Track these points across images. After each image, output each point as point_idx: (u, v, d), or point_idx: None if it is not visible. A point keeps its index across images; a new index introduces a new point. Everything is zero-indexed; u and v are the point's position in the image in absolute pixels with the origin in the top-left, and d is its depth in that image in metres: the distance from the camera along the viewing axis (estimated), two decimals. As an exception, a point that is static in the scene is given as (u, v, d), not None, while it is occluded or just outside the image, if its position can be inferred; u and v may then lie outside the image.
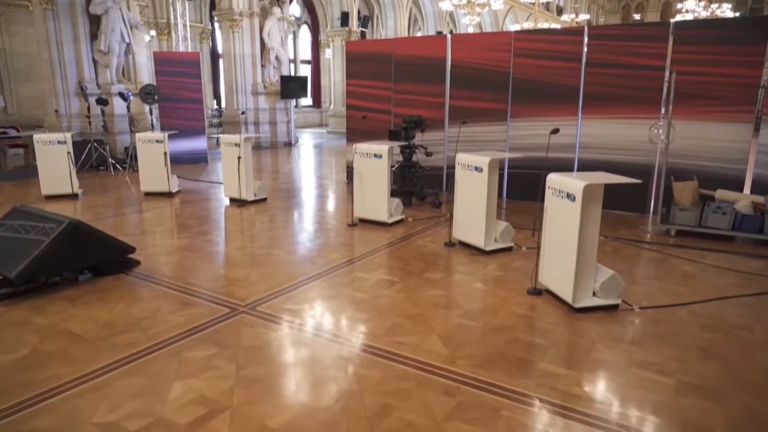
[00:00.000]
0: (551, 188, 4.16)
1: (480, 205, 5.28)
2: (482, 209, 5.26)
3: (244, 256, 5.32)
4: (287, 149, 15.51)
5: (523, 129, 7.80)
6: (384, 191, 6.34)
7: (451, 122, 8.38)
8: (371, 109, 9.07)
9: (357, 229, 6.37)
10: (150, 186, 8.36)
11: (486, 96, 8.02)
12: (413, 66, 8.61)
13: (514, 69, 7.74)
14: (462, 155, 5.50)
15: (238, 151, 7.50)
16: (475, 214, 5.37)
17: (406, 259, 5.22)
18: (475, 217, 5.37)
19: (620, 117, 7.07)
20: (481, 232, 5.33)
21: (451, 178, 8.75)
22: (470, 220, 5.45)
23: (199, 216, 7.07)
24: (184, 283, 4.56)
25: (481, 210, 5.27)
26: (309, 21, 23.99)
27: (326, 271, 4.89)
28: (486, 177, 5.18)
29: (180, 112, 11.86)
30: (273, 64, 16.07)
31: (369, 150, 6.35)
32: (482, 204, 5.25)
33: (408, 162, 7.58)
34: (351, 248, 5.66)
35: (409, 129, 7.42)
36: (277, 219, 6.89)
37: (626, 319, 3.89)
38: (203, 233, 6.17)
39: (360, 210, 6.57)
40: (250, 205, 7.67)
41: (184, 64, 11.77)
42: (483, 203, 5.24)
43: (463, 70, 8.17)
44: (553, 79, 7.47)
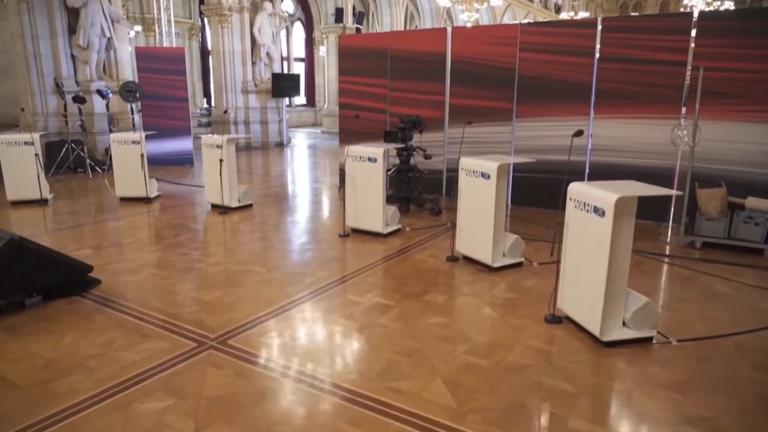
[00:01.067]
0: (574, 200, 3.57)
1: (487, 216, 4.68)
2: (489, 221, 4.67)
3: (220, 273, 4.70)
4: (279, 150, 14.88)
5: (530, 130, 7.21)
6: (379, 199, 5.74)
7: (452, 122, 7.78)
8: (365, 108, 8.45)
9: (349, 241, 5.76)
10: (126, 191, 7.73)
11: (489, 94, 7.42)
12: (411, 62, 8.01)
13: (520, 65, 7.15)
14: (466, 160, 4.91)
15: (220, 154, 6.87)
16: (481, 226, 4.77)
17: (404, 278, 4.62)
18: (481, 230, 4.77)
19: (636, 117, 6.48)
20: (488, 246, 4.73)
21: (452, 182, 8.19)
22: (476, 233, 4.85)
23: (176, 225, 6.44)
24: (146, 308, 3.94)
25: (488, 222, 4.67)
26: (303, 17, 23.34)
27: (313, 292, 4.28)
28: (494, 185, 4.58)
29: (164, 110, 11.23)
30: (264, 61, 15.44)
31: (362, 153, 5.74)
32: (489, 215, 4.65)
33: (405, 165, 6.98)
34: (342, 264, 5.05)
35: (406, 130, 6.82)
36: (262, 229, 6.27)
37: (664, 355, 3.29)
38: (177, 245, 5.54)
39: (353, 219, 5.97)
40: (233, 213, 7.05)
41: (168, 60, 11.13)
42: (490, 214, 4.65)
43: (465, 66, 7.57)
44: (562, 75, 6.88)
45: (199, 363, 3.15)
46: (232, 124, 15.22)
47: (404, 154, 6.91)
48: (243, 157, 13.48)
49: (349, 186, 5.89)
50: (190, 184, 9.19)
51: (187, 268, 4.83)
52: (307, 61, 23.72)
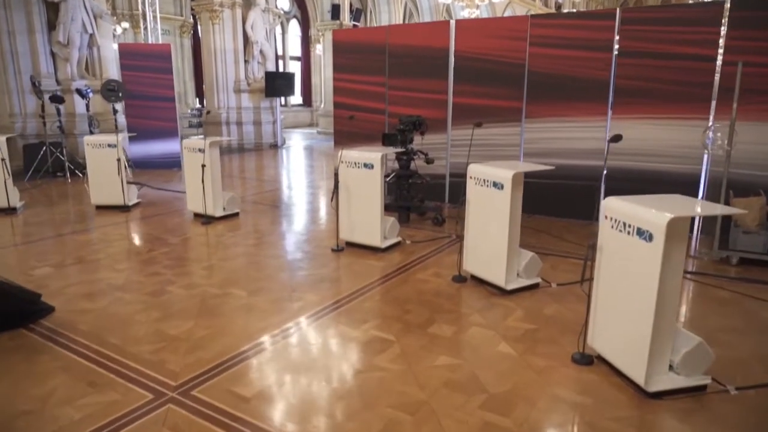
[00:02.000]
0: (611, 219, 2.97)
1: (500, 231, 4.08)
2: (503, 237, 4.07)
3: (194, 298, 4.09)
4: (273, 152, 14.28)
5: (541, 131, 6.61)
6: (376, 209, 5.14)
7: (455, 123, 7.18)
8: (362, 108, 7.86)
9: (343, 256, 5.16)
10: (102, 198, 7.12)
11: (496, 92, 6.83)
12: (411, 58, 7.41)
13: (531, 60, 6.55)
14: (476, 167, 4.30)
15: (202, 158, 6.27)
16: (493, 243, 4.17)
17: (405, 303, 4.02)
18: (493, 247, 4.17)
19: (659, 117, 5.89)
20: (500, 266, 4.13)
21: (455, 189, 7.61)
22: (486, 250, 4.25)
23: (153, 237, 5.84)
24: (101, 344, 3.34)
25: (502, 238, 4.08)
26: (299, 15, 22.75)
27: (301, 322, 3.68)
28: (508, 196, 3.98)
29: (150, 111, 10.61)
30: (257, 59, 14.85)
31: (358, 158, 5.14)
32: (503, 231, 4.06)
33: (405, 171, 6.38)
34: (335, 285, 4.45)
35: (406, 131, 6.22)
36: (247, 242, 5.66)
37: (723, 409, 2.70)
38: (150, 262, 4.94)
39: (347, 231, 5.37)
40: (217, 223, 6.44)
41: (153, 57, 10.51)
42: (504, 230, 4.05)
43: (470, 62, 6.97)
44: (577, 72, 6.28)
45: (153, 424, 2.55)
46: (224, 124, 14.64)
47: (404, 159, 6.31)
48: (235, 159, 12.89)
49: (343, 195, 5.29)
50: (175, 190, 8.58)
51: (156, 292, 4.22)
52: (303, 60, 23.12)
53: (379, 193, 5.10)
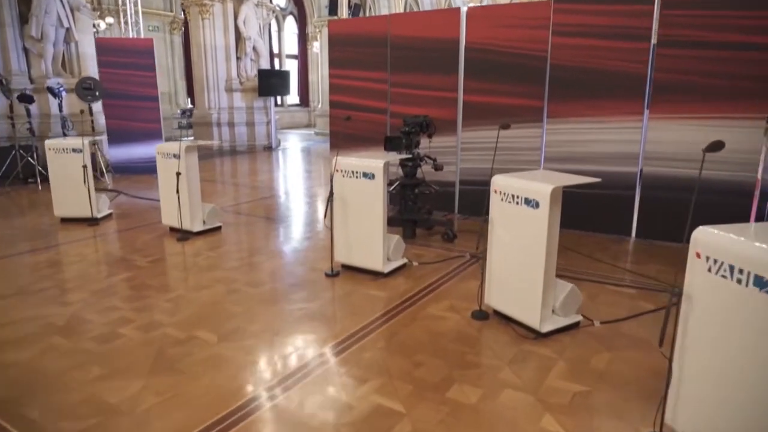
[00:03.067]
0: (707, 259, 2.14)
1: (533, 259, 3.26)
2: (537, 267, 3.24)
3: (149, 346, 3.26)
4: (267, 154, 13.45)
5: (565, 133, 5.78)
6: (378, 227, 4.31)
7: (466, 124, 6.35)
8: (361, 107, 7.04)
9: (339, 283, 4.34)
10: (66, 209, 6.28)
11: (513, 89, 6.00)
12: (416, 50, 6.58)
13: (554, 52, 5.72)
14: (503, 179, 3.48)
15: (177, 165, 5.44)
16: (524, 273, 3.34)
17: (415, 351, 3.19)
18: (524, 278, 3.35)
19: (707, 117, 5.06)
20: (534, 302, 3.30)
21: (466, 197, 6.76)
22: (516, 282, 3.42)
23: (117, 259, 5.01)
24: (13, 420, 2.51)
25: (535, 268, 3.25)
26: (295, 12, 21.93)
27: (281, 382, 2.85)
28: (545, 216, 3.16)
29: (131, 111, 9.78)
30: (250, 57, 14.03)
31: (356, 166, 4.32)
32: (537, 259, 3.23)
33: (411, 179, 5.55)
34: (326, 325, 3.61)
35: (412, 134, 5.39)
36: (226, 264, 4.83)
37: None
38: (106, 293, 4.11)
39: (344, 253, 4.54)
40: (195, 239, 5.61)
41: (134, 53, 9.67)
42: (539, 258, 3.22)
43: (483, 55, 6.14)
44: (608, 65, 5.45)
45: None
46: (214, 125, 13.83)
47: (409, 165, 5.47)
48: (227, 162, 12.07)
49: (339, 210, 4.46)
50: (154, 198, 7.73)
51: (104, 336, 3.39)
52: (300, 58, 22.30)
53: (382, 208, 4.27)
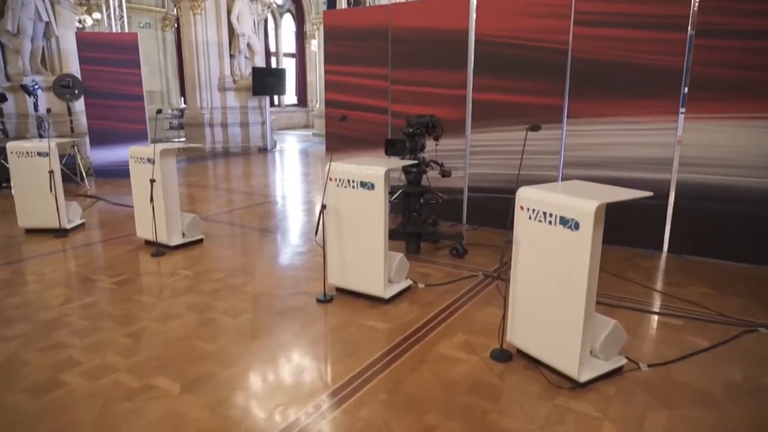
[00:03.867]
0: None
1: (571, 292, 2.63)
2: (576, 301, 2.61)
3: (93, 399, 2.63)
4: (262, 156, 12.82)
5: (587, 135, 5.15)
6: (378, 245, 3.68)
7: (476, 124, 5.73)
8: (359, 106, 6.42)
9: (332, 312, 3.71)
10: (32, 220, 5.66)
11: (529, 86, 5.37)
12: (420, 44, 5.96)
13: (576, 44, 5.10)
14: (531, 192, 2.84)
15: (151, 171, 4.81)
16: (558, 308, 2.71)
17: (426, 409, 2.56)
18: (558, 314, 2.72)
19: (754, 117, 4.44)
20: (570, 345, 2.67)
21: (475, 205, 6.10)
22: (547, 318, 2.79)
23: (79, 279, 4.38)
24: None
25: (574, 302, 2.62)
26: (293, 9, 21.29)
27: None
28: (588, 240, 2.53)
29: (114, 111, 9.14)
30: (244, 54, 13.40)
31: (353, 174, 3.69)
32: (576, 292, 2.60)
33: (415, 187, 4.91)
34: (316, 370, 2.98)
35: (416, 136, 4.76)
36: (203, 286, 4.19)
37: None
38: (55, 326, 3.48)
39: (338, 275, 3.92)
40: (173, 254, 4.99)
41: (117, 48, 9.03)
42: (578, 290, 2.59)
43: (495, 48, 5.51)
44: (638, 58, 4.83)
45: None
46: (207, 126, 13.19)
47: (414, 171, 4.84)
48: (219, 165, 11.45)
49: (333, 225, 3.84)
50: (134, 205, 7.10)
51: (40, 387, 2.75)
52: (297, 57, 21.67)
53: (383, 224, 3.64)
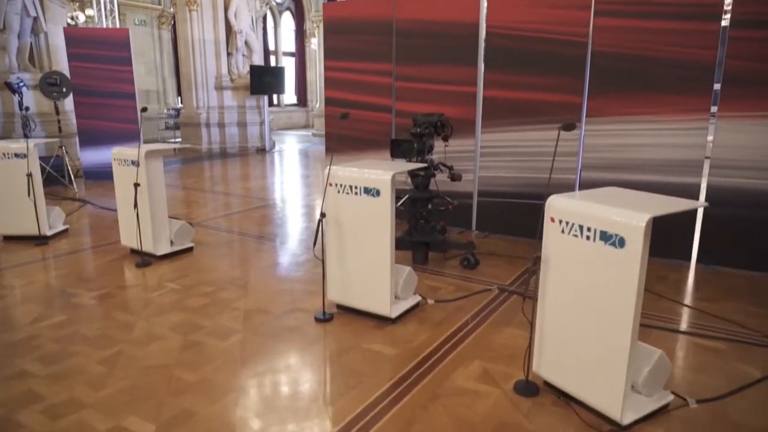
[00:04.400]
0: None
1: (613, 319, 2.23)
2: (619, 331, 2.22)
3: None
4: (260, 157, 12.43)
5: (609, 135, 4.76)
6: (384, 258, 3.29)
7: (487, 124, 5.33)
8: (361, 104, 6.03)
9: (333, 332, 3.31)
10: (9, 226, 5.27)
11: (545, 82, 4.98)
12: (427, 37, 5.56)
13: (597, 36, 4.70)
14: (565, 202, 2.44)
15: (135, 175, 4.42)
16: (596, 339, 2.32)
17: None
18: (596, 345, 2.32)
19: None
20: (612, 381, 2.27)
21: (486, 211, 5.69)
22: (583, 348, 2.39)
23: (55, 293, 3.99)
24: None
25: (616, 332, 2.23)
26: (292, 7, 20.90)
27: None
28: (635, 259, 2.14)
29: (105, 110, 8.73)
30: (242, 52, 13.00)
31: (355, 179, 3.29)
32: (619, 319, 2.21)
33: (423, 192, 4.52)
34: (314, 407, 2.58)
35: (425, 136, 4.36)
36: (190, 302, 3.80)
37: None
38: (20, 350, 3.08)
39: (339, 290, 3.52)
40: (159, 264, 4.59)
41: (107, 44, 8.64)
42: (622, 318, 2.20)
43: (508, 42, 5.12)
44: (665, 51, 4.44)
45: None
46: (203, 126, 12.80)
47: (421, 175, 4.45)
48: (216, 166, 11.06)
49: (333, 235, 3.44)
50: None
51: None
52: (297, 56, 21.27)
53: (389, 234, 3.25)
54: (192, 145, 12.32)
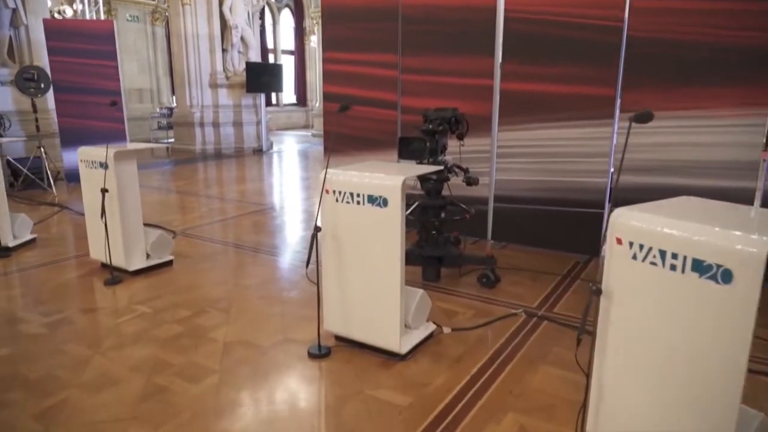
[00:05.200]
0: None
1: (713, 374, 1.63)
2: (724, 389, 1.61)
3: None
4: (256, 158, 11.85)
5: (648, 133, 4.13)
6: (393, 281, 2.69)
7: (505, 121, 4.74)
8: (363, 99, 5.43)
9: (329, 372, 2.72)
10: (-33, 237, 4.68)
11: (572, 73, 4.38)
12: (436, 23, 4.97)
13: (633, 20, 4.10)
14: (640, 218, 1.83)
15: (103, 179, 3.83)
16: (686, 398, 1.72)
17: None
18: (685, 405, 1.72)
19: None
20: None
21: (502, 218, 5.11)
22: (667, 411, 1.79)
23: (2, 320, 3.39)
24: None
25: (719, 391, 1.63)
26: (291, 4, 20.33)
27: None
28: (749, 299, 1.53)
29: (88, 108, 8.14)
30: (238, 48, 12.43)
31: (358, 185, 2.70)
32: (723, 373, 1.61)
33: (435, 198, 3.91)
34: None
35: (438, 134, 3.76)
36: (161, 331, 3.20)
37: None
38: (-56, 397, 2.49)
39: (338, 319, 2.92)
40: (132, 281, 4.00)
41: (90, 37, 8.05)
42: (728, 372, 1.60)
43: (529, 27, 4.52)
44: (715, 36, 3.84)
45: None
46: (197, 126, 12.23)
47: (433, 179, 3.84)
48: (211, 168, 10.48)
49: (331, 253, 2.84)
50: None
51: None
52: (297, 54, 20.69)
53: (398, 252, 2.64)
54: (184, 146, 11.75)
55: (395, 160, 3.96)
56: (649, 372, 1.82)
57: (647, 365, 1.82)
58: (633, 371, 1.88)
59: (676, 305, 1.71)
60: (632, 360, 1.87)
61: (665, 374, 1.77)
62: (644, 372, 1.84)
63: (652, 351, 1.79)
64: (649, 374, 1.82)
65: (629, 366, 1.89)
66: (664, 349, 1.76)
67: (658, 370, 1.79)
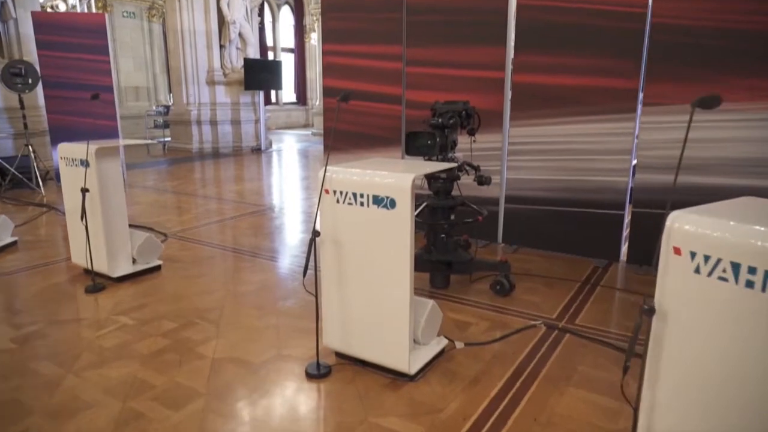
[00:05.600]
0: None
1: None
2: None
3: None
4: (255, 157, 11.54)
5: (671, 129, 3.83)
6: (402, 292, 2.38)
7: (517, 115, 4.43)
8: (365, 94, 5.13)
9: (329, 395, 2.41)
10: (-59, 240, 4.38)
11: (590, 64, 4.07)
12: (443, 12, 4.66)
13: (658, 6, 3.79)
14: (700, 223, 1.52)
15: (84, 178, 3.52)
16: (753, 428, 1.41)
17: None
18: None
19: None
20: None
21: (513, 219, 4.79)
22: None
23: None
24: None
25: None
26: (291, 1, 20.01)
27: None
28: None
29: (78, 105, 7.77)
30: (236, 44, 12.12)
31: (361, 185, 2.38)
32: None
33: (444, 199, 3.60)
34: None
35: (448, 128, 3.45)
36: (142, 345, 2.89)
37: None
38: None
39: (339, 335, 2.61)
40: (116, 288, 3.69)
41: (81, 31, 7.74)
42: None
43: (544, 15, 4.21)
44: (744, 23, 3.53)
45: None
46: (194, 124, 11.92)
47: (442, 178, 3.53)
48: (208, 167, 10.16)
49: (331, 261, 2.54)
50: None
51: None
52: (297, 52, 20.37)
53: (407, 259, 2.33)
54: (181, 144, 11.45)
55: (399, 157, 3.65)
56: (713, 409, 1.51)
57: (711, 401, 1.51)
58: (693, 406, 1.57)
59: (752, 330, 1.40)
60: (693, 394, 1.56)
61: (737, 411, 1.46)
62: (705, 408, 1.53)
63: (720, 385, 1.48)
64: (713, 412, 1.51)
65: (689, 400, 1.58)
66: (736, 382, 1.45)
67: (726, 407, 1.48)
